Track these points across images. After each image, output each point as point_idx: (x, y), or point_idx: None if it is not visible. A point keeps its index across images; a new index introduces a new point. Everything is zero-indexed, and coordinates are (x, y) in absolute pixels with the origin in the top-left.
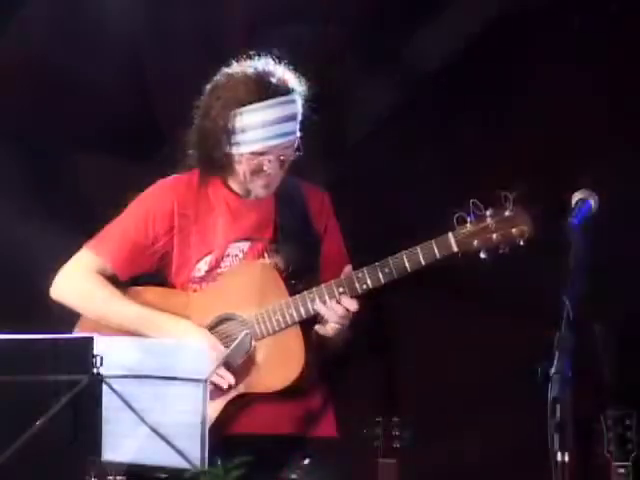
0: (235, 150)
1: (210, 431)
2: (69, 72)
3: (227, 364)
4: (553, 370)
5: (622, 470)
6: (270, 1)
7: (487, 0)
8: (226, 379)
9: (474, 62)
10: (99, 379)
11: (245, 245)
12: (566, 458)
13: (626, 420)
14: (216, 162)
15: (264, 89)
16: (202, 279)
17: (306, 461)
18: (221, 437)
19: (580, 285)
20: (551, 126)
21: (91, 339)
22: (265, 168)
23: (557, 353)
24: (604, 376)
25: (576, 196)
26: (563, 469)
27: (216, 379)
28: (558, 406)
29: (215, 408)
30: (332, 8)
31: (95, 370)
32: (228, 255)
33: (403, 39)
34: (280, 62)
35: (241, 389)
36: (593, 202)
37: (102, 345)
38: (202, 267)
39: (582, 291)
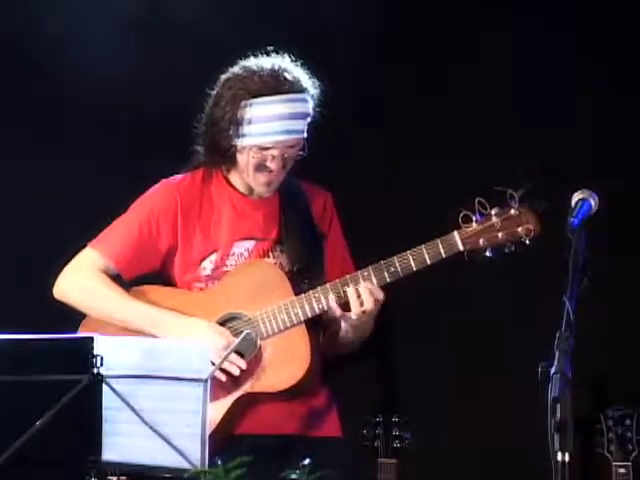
0: (241, 142)
1: (215, 431)
2: (73, 70)
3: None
4: (553, 370)
5: (622, 470)
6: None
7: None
8: (236, 364)
9: (474, 62)
10: (99, 379)
11: (250, 244)
12: (566, 458)
13: (626, 420)
14: (222, 152)
15: (278, 83)
16: (208, 278)
17: (306, 461)
18: (226, 437)
19: (580, 285)
20: (550, 126)
21: (91, 339)
22: (268, 164)
23: (557, 353)
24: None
25: (576, 196)
26: (563, 469)
27: (226, 366)
28: (558, 406)
29: (220, 408)
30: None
31: (95, 370)
32: (233, 254)
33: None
34: (297, 62)
35: (247, 388)
36: (593, 202)
37: (103, 345)
38: (207, 266)
39: (582, 291)
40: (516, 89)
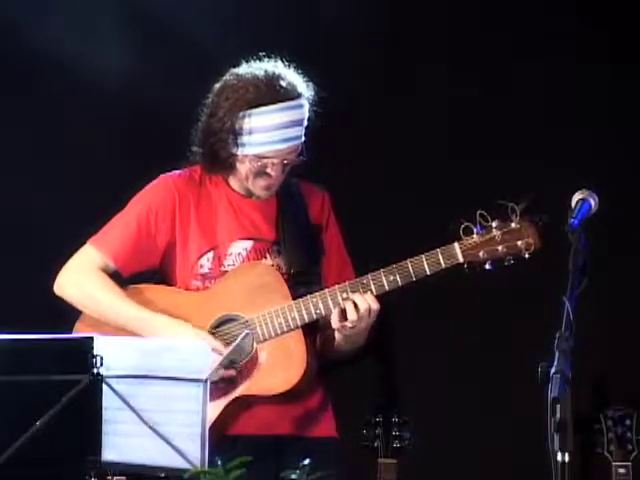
0: (240, 151)
1: (209, 431)
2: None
3: (228, 364)
4: (553, 370)
5: (622, 470)
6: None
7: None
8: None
9: (474, 65)
10: (99, 379)
11: (248, 244)
12: (566, 458)
13: (626, 420)
14: (221, 161)
15: (274, 92)
16: (205, 277)
17: (306, 461)
18: (220, 437)
19: (580, 285)
20: (551, 126)
21: (91, 339)
22: (268, 170)
23: (557, 353)
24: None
25: (576, 196)
26: (563, 469)
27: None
28: (558, 406)
29: (215, 408)
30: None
31: (95, 370)
32: (231, 254)
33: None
34: (289, 65)
35: (242, 391)
36: (593, 202)
37: (102, 345)
38: (205, 264)
39: (582, 291)
40: (516, 89)
